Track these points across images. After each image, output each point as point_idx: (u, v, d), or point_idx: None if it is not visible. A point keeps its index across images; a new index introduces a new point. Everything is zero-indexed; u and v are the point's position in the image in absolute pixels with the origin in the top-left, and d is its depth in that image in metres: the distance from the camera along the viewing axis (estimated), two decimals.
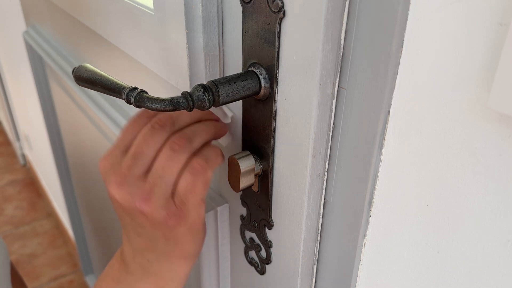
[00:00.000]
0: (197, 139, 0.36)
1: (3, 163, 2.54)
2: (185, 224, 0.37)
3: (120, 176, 0.36)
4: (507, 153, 0.23)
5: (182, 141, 0.35)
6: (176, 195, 0.36)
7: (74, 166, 1.17)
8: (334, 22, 0.27)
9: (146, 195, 0.35)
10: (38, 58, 1.06)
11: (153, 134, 0.36)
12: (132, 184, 0.35)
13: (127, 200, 0.36)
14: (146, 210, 0.35)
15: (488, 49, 0.21)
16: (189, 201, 0.36)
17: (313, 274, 0.40)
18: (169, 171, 0.35)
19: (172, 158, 0.35)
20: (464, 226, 0.26)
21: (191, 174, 0.35)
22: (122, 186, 0.35)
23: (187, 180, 0.35)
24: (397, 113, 0.28)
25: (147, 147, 0.36)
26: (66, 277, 1.85)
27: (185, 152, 0.35)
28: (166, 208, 0.36)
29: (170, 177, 0.35)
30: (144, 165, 0.36)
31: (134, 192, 0.35)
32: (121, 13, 0.50)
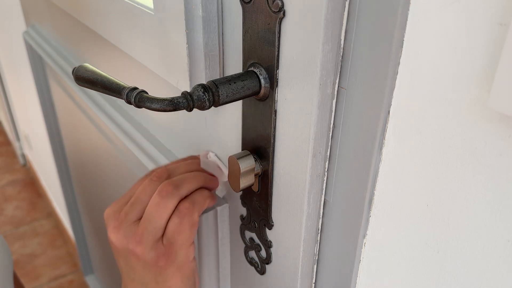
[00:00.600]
0: (184, 185, 0.40)
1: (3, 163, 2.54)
2: (174, 265, 0.40)
3: (118, 221, 0.40)
4: (507, 153, 0.23)
5: (169, 188, 0.39)
6: (165, 237, 0.39)
7: (74, 166, 1.17)
8: (334, 22, 0.27)
9: (138, 238, 0.39)
10: (38, 58, 1.06)
11: (150, 184, 0.40)
12: (127, 228, 0.39)
13: (121, 243, 0.39)
14: (138, 252, 0.39)
15: (488, 49, 0.21)
16: (176, 241, 0.39)
17: (313, 274, 0.40)
18: (157, 216, 0.39)
19: (159, 204, 0.39)
20: (464, 226, 0.26)
21: (177, 217, 0.39)
22: (119, 230, 0.40)
23: (175, 223, 0.39)
24: (397, 113, 0.28)
25: (143, 195, 0.40)
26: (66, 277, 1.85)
27: (171, 198, 0.39)
28: (155, 249, 0.39)
29: (158, 221, 0.39)
30: (138, 211, 0.40)
31: (128, 235, 0.39)
32: (121, 13, 0.50)
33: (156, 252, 0.39)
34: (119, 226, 0.40)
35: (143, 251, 0.39)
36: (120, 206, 0.41)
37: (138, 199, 0.40)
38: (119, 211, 0.41)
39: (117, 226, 0.40)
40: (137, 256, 0.39)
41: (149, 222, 0.39)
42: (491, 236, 0.25)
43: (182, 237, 0.39)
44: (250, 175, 0.38)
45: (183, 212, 0.39)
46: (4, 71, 2.13)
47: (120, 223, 0.40)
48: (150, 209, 0.39)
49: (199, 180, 0.42)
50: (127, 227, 0.39)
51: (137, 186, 0.42)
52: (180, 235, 0.39)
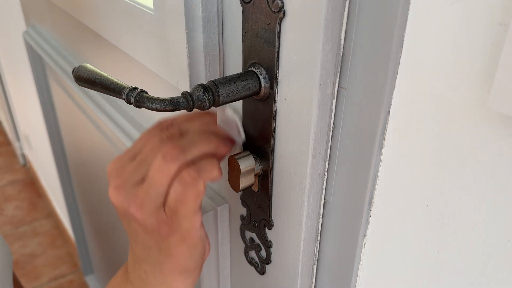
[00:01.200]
0: (192, 150, 0.36)
1: (3, 163, 2.54)
2: (178, 234, 0.37)
3: (120, 180, 0.36)
4: (507, 153, 0.23)
5: (174, 151, 0.35)
6: (167, 205, 0.36)
7: (74, 166, 1.17)
8: (334, 22, 0.27)
9: (139, 202, 0.35)
10: (38, 58, 1.07)
11: (160, 144, 0.36)
12: (129, 189, 0.36)
13: (122, 204, 0.36)
14: (138, 216, 0.36)
15: (488, 49, 0.21)
16: (180, 212, 0.36)
17: (313, 274, 0.40)
18: (158, 181, 0.35)
19: (161, 167, 0.35)
20: (464, 226, 0.26)
21: (180, 185, 0.35)
22: (120, 190, 0.36)
23: (177, 191, 0.35)
24: (397, 113, 0.28)
25: (150, 156, 0.36)
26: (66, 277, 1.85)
27: (175, 163, 0.35)
28: (156, 216, 0.36)
29: (160, 187, 0.35)
30: (143, 172, 0.36)
31: (129, 197, 0.36)
32: (121, 13, 0.50)
33: (157, 220, 0.36)
34: (120, 186, 0.36)
35: (144, 217, 0.36)
36: (123, 162, 0.38)
37: (145, 159, 0.36)
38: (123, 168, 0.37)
39: (119, 185, 0.36)
40: (138, 221, 0.36)
41: (150, 186, 0.35)
42: (491, 236, 0.25)
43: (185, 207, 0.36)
44: (250, 175, 0.38)
45: (187, 180, 0.35)
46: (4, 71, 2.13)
47: (122, 183, 0.36)
48: (152, 172, 0.35)
49: (210, 146, 0.37)
50: (129, 188, 0.36)
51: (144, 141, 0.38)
52: (183, 205, 0.36)
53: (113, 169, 0.37)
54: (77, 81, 0.34)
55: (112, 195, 0.36)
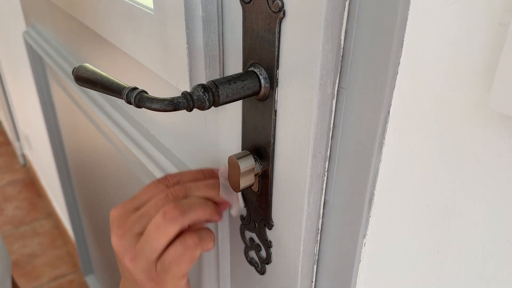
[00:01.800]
0: (191, 214, 0.38)
1: (3, 163, 2.54)
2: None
3: (122, 229, 0.39)
4: (507, 153, 0.23)
5: (175, 212, 0.37)
6: (160, 262, 0.38)
7: (74, 166, 1.17)
8: (334, 22, 0.27)
9: (133, 254, 0.38)
10: (38, 58, 1.07)
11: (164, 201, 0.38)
12: (129, 240, 0.39)
13: (120, 252, 0.39)
14: (130, 267, 0.38)
15: (488, 49, 0.21)
16: (171, 271, 0.38)
17: (313, 274, 0.40)
18: (155, 238, 0.37)
19: (160, 226, 0.37)
20: (464, 226, 0.26)
21: (182, 248, 0.37)
22: (121, 239, 0.39)
23: (177, 252, 0.37)
24: (397, 113, 0.28)
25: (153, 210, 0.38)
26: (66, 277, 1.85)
27: (174, 224, 0.37)
28: (146, 272, 0.38)
29: (155, 244, 0.37)
30: (144, 226, 0.38)
31: (127, 247, 0.38)
32: (121, 13, 0.50)
33: (146, 276, 0.38)
34: (122, 235, 0.39)
35: (134, 270, 0.38)
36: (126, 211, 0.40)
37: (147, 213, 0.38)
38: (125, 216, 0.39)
39: (121, 234, 0.39)
40: (129, 270, 0.39)
41: (146, 242, 0.37)
42: (491, 236, 0.25)
43: (178, 268, 0.38)
44: (250, 175, 0.38)
45: (189, 244, 0.38)
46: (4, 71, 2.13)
47: (124, 232, 0.39)
48: (150, 229, 0.37)
49: (207, 212, 0.40)
50: (128, 239, 0.38)
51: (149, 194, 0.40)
52: (177, 266, 0.38)
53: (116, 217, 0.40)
54: (77, 81, 0.34)
55: (114, 243, 0.39)
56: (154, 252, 0.37)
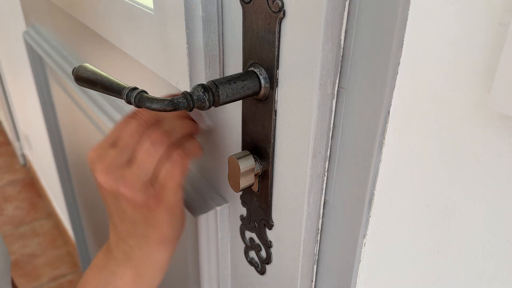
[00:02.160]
0: (174, 134, 0.41)
1: (3, 163, 2.54)
2: (164, 206, 0.41)
3: (105, 164, 0.40)
4: (507, 153, 0.23)
5: (161, 136, 0.40)
6: (156, 180, 0.41)
7: (74, 166, 1.17)
8: (334, 22, 0.27)
9: (128, 182, 0.40)
10: (38, 58, 1.07)
11: (137, 129, 0.41)
12: (116, 172, 0.40)
13: (111, 186, 0.40)
14: (128, 194, 0.40)
15: (488, 49, 0.21)
16: (167, 185, 0.41)
17: (313, 274, 0.40)
18: (147, 162, 0.40)
19: (150, 151, 0.40)
20: (464, 226, 0.26)
21: (171, 164, 0.40)
22: (107, 174, 0.40)
23: (167, 169, 0.40)
24: (397, 113, 0.28)
25: (131, 140, 0.41)
26: (66, 277, 1.85)
27: (162, 146, 0.40)
28: (145, 191, 0.40)
29: (149, 166, 0.40)
30: (127, 156, 0.41)
31: (117, 179, 0.40)
32: (121, 13, 0.50)
33: (146, 194, 0.40)
34: (107, 170, 0.40)
35: (134, 194, 0.40)
36: (104, 149, 0.41)
37: (126, 144, 0.41)
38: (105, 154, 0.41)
39: (105, 169, 0.40)
40: (127, 199, 0.40)
41: (139, 167, 0.40)
42: (491, 236, 0.25)
43: (173, 181, 0.41)
44: (250, 175, 0.38)
45: (176, 159, 0.41)
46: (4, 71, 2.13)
47: (108, 167, 0.40)
48: (141, 155, 0.40)
49: (187, 128, 0.43)
50: (116, 171, 0.40)
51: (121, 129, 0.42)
52: (171, 179, 0.41)
53: (94, 156, 0.41)
54: (77, 81, 0.34)
55: (101, 179, 0.40)
56: (147, 174, 0.40)
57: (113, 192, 0.40)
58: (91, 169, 0.41)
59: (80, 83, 0.34)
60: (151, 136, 0.40)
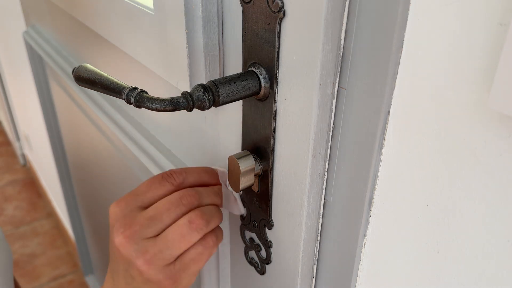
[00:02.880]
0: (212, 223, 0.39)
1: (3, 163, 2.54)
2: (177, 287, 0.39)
3: (130, 231, 0.38)
4: (507, 153, 0.23)
5: (202, 223, 0.38)
6: (180, 261, 0.39)
7: (74, 166, 1.17)
8: (334, 22, 0.27)
9: (149, 258, 0.37)
10: (38, 58, 1.07)
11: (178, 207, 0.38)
12: (140, 243, 0.37)
13: (129, 254, 0.37)
14: (144, 270, 0.37)
15: (488, 49, 0.21)
16: (189, 269, 0.39)
17: (313, 274, 0.40)
18: (178, 246, 0.37)
19: (185, 235, 0.37)
20: (464, 226, 0.26)
21: (203, 247, 0.39)
22: (129, 241, 0.37)
23: (197, 252, 0.39)
24: (397, 113, 0.28)
25: (167, 216, 0.38)
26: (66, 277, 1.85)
27: (199, 233, 0.38)
28: (163, 272, 0.38)
29: (178, 250, 0.38)
30: (158, 230, 0.38)
31: (139, 251, 0.37)
32: (121, 13, 0.50)
33: (163, 275, 0.38)
34: (130, 237, 0.37)
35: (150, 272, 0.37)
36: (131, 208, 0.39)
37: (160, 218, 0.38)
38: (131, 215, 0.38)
39: (129, 236, 0.37)
40: (141, 272, 0.38)
41: (168, 248, 0.37)
42: (491, 236, 0.25)
43: (196, 266, 0.39)
44: (250, 175, 0.38)
45: (210, 245, 0.39)
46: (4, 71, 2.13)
47: (133, 234, 0.37)
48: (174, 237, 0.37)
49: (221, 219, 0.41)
50: (139, 241, 0.37)
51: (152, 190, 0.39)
52: (197, 264, 0.39)
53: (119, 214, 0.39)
54: (77, 81, 0.34)
55: (122, 244, 0.38)
56: (174, 256, 0.38)
57: (129, 260, 0.38)
58: (111, 225, 0.39)
59: (80, 83, 0.34)
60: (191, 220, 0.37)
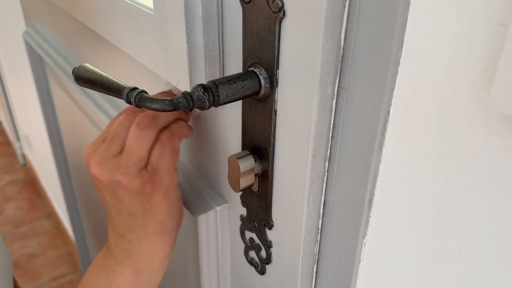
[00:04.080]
0: (161, 117, 0.42)
1: (3, 163, 2.54)
2: (160, 191, 0.42)
3: (99, 156, 0.41)
4: (507, 153, 0.23)
5: (147, 120, 0.41)
6: (149, 165, 0.41)
7: (74, 166, 1.17)
8: (334, 22, 0.27)
9: (123, 170, 0.40)
10: (38, 58, 1.06)
11: (126, 119, 0.42)
12: (110, 162, 0.41)
13: (106, 176, 0.41)
14: (124, 181, 0.40)
15: (488, 49, 0.21)
16: (160, 167, 0.41)
17: (313, 274, 0.40)
18: (138, 147, 0.40)
19: (139, 136, 0.40)
20: (464, 226, 0.26)
21: (159, 146, 0.41)
22: (101, 165, 0.41)
23: (157, 151, 0.41)
24: (397, 113, 0.28)
25: (120, 130, 0.41)
26: (66, 277, 1.85)
27: (150, 129, 0.40)
28: (140, 176, 0.40)
29: (140, 152, 0.40)
30: (119, 145, 0.41)
31: (112, 168, 0.40)
32: (121, 13, 0.50)
33: (142, 179, 0.40)
34: (101, 161, 0.41)
35: (130, 181, 0.40)
36: (97, 145, 0.42)
37: (116, 134, 0.41)
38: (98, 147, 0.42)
39: (99, 161, 0.41)
40: (124, 187, 0.40)
41: (132, 153, 0.40)
42: (491, 236, 0.25)
43: (165, 163, 0.41)
44: (250, 175, 0.38)
45: (164, 140, 0.41)
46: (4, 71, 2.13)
47: (102, 159, 0.41)
48: (131, 142, 0.40)
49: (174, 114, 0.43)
50: (109, 161, 0.41)
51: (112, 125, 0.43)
52: (163, 161, 0.41)
53: (88, 152, 0.42)
54: (77, 81, 0.34)
55: (95, 170, 0.41)
56: (141, 159, 0.40)
57: (109, 182, 0.41)
58: (86, 164, 0.42)
59: (80, 83, 0.34)
60: (137, 121, 0.41)
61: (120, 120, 0.42)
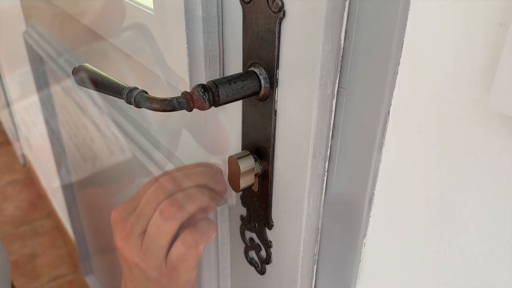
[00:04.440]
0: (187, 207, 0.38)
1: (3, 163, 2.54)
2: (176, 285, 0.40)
3: (125, 232, 0.40)
4: (507, 153, 0.23)
5: (172, 210, 0.38)
6: (168, 259, 0.39)
7: (74, 166, 1.17)
8: (334, 22, 0.27)
9: (143, 254, 0.39)
10: (38, 58, 1.06)
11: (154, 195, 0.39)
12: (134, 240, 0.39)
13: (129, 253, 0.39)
14: (142, 266, 0.39)
15: (488, 49, 0.21)
16: (179, 267, 0.39)
17: (313, 274, 0.40)
18: (158, 238, 0.38)
19: (160, 226, 0.38)
20: (464, 226, 0.26)
21: (184, 247, 0.39)
22: (126, 241, 0.39)
23: (180, 251, 0.39)
24: (397, 113, 0.28)
25: (147, 208, 0.39)
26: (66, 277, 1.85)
27: (173, 222, 0.38)
28: (158, 270, 0.39)
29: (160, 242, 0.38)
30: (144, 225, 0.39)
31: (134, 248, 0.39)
32: (121, 13, 0.50)
33: (158, 273, 0.39)
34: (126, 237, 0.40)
35: (147, 267, 0.39)
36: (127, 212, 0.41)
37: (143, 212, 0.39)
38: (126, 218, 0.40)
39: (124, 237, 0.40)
40: (141, 270, 0.39)
41: (152, 241, 0.39)
42: (491, 236, 0.25)
43: (186, 265, 0.39)
44: (250, 175, 0.38)
45: (190, 243, 0.39)
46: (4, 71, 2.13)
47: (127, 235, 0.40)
48: (152, 230, 0.38)
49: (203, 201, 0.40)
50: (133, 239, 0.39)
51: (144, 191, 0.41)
52: (184, 263, 0.39)
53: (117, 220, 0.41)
54: (77, 81, 0.34)
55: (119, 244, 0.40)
56: (161, 250, 0.39)
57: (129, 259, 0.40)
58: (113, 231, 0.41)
59: (80, 83, 0.34)
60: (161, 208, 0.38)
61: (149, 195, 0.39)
